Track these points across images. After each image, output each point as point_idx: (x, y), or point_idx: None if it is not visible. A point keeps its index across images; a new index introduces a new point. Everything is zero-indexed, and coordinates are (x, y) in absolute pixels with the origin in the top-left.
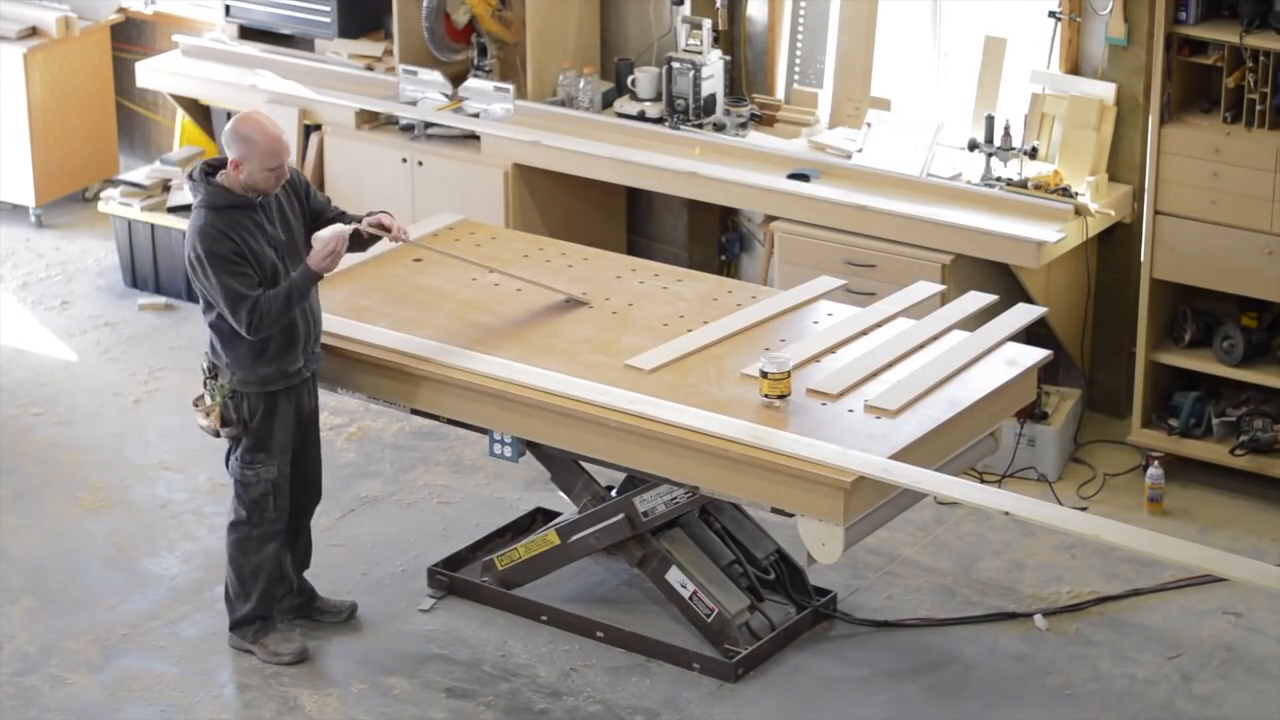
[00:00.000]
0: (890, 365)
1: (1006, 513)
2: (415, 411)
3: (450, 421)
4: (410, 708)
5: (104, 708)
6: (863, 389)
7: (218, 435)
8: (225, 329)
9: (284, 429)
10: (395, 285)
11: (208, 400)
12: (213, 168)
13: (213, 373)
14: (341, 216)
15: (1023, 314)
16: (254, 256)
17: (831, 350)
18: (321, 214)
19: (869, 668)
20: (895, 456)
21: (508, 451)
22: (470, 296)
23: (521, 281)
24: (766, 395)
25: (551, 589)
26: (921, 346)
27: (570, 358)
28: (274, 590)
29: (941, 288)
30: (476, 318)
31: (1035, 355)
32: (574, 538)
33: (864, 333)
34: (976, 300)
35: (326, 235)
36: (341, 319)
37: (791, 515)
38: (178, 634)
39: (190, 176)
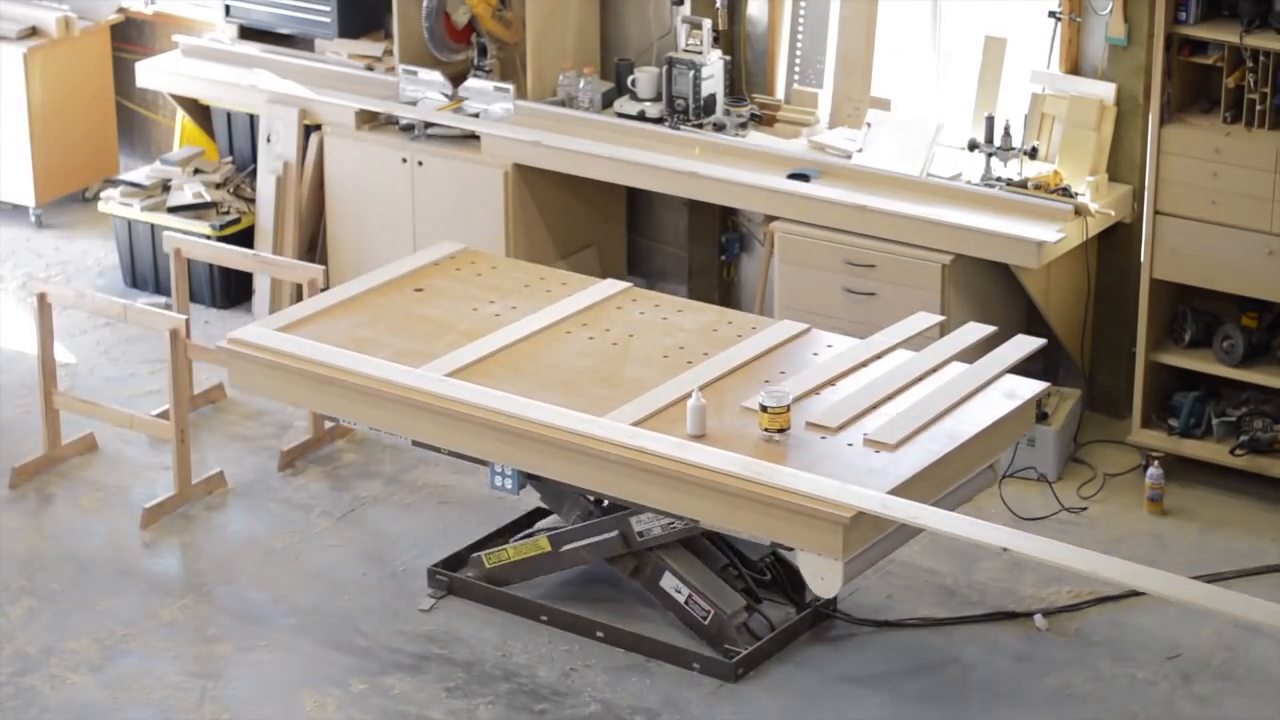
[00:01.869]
0: (890, 398)
1: (1004, 549)
2: (416, 443)
3: (450, 453)
4: (410, 708)
5: (104, 708)
6: (862, 422)
7: None
8: None
9: None
10: (397, 316)
11: None
12: None
13: None
14: None
15: (1021, 345)
16: None
17: (831, 383)
18: None
19: (869, 668)
20: (895, 490)
21: (508, 484)
22: (471, 327)
23: (530, 314)
24: (766, 429)
25: (551, 589)
26: (920, 379)
27: (571, 390)
28: None
29: (940, 318)
30: (478, 349)
31: (1034, 388)
32: (565, 547)
33: (863, 364)
34: (975, 332)
35: None
36: (343, 350)
37: (791, 549)
38: (178, 634)
39: None
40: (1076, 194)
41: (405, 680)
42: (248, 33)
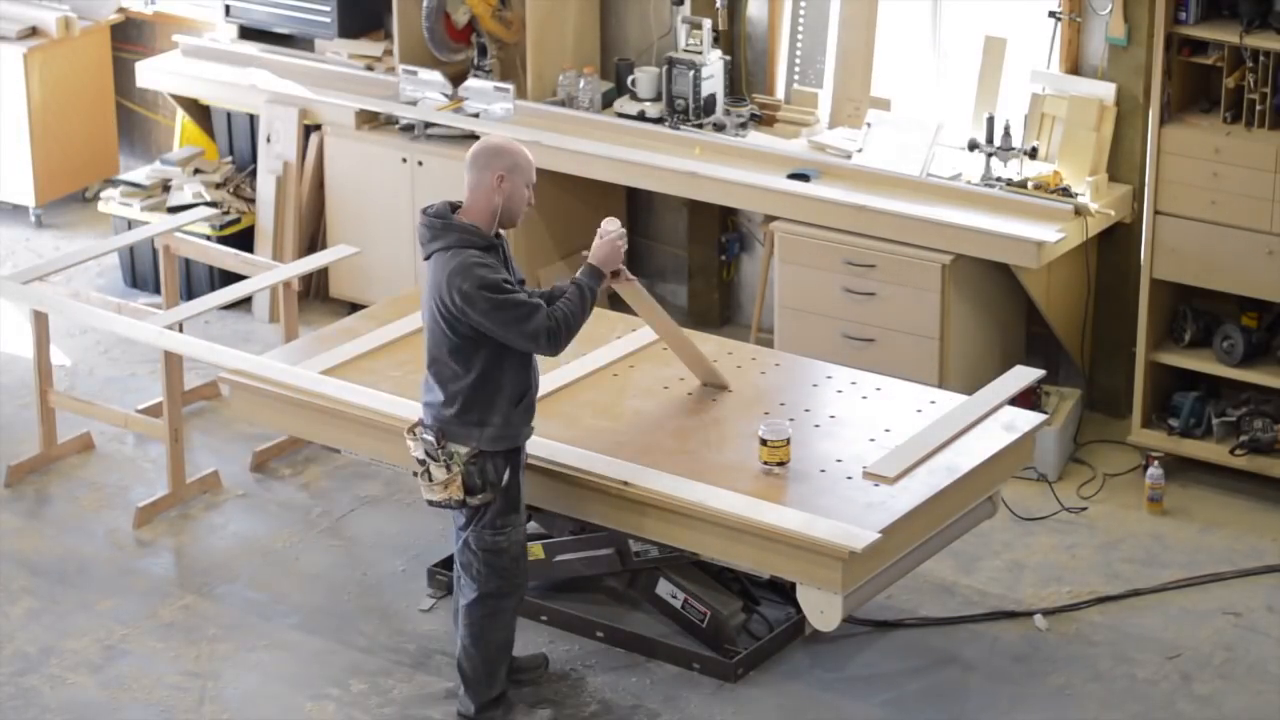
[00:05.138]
0: (888, 430)
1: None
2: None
3: None
4: (410, 708)
5: (104, 708)
6: (862, 455)
7: (463, 505)
8: (471, 385)
9: (523, 481)
10: (400, 347)
11: (441, 473)
12: (450, 208)
13: (441, 440)
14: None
15: (1020, 377)
16: (515, 285)
17: (832, 416)
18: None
19: (869, 668)
20: (893, 525)
21: None
22: None
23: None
24: (766, 463)
25: (551, 589)
26: (920, 411)
27: (571, 422)
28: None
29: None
30: None
31: (1033, 420)
32: (560, 558)
33: (863, 398)
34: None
35: (610, 230)
36: (344, 381)
37: (792, 583)
38: (177, 634)
39: (431, 215)
40: (1076, 194)
41: (405, 680)
42: (247, 33)
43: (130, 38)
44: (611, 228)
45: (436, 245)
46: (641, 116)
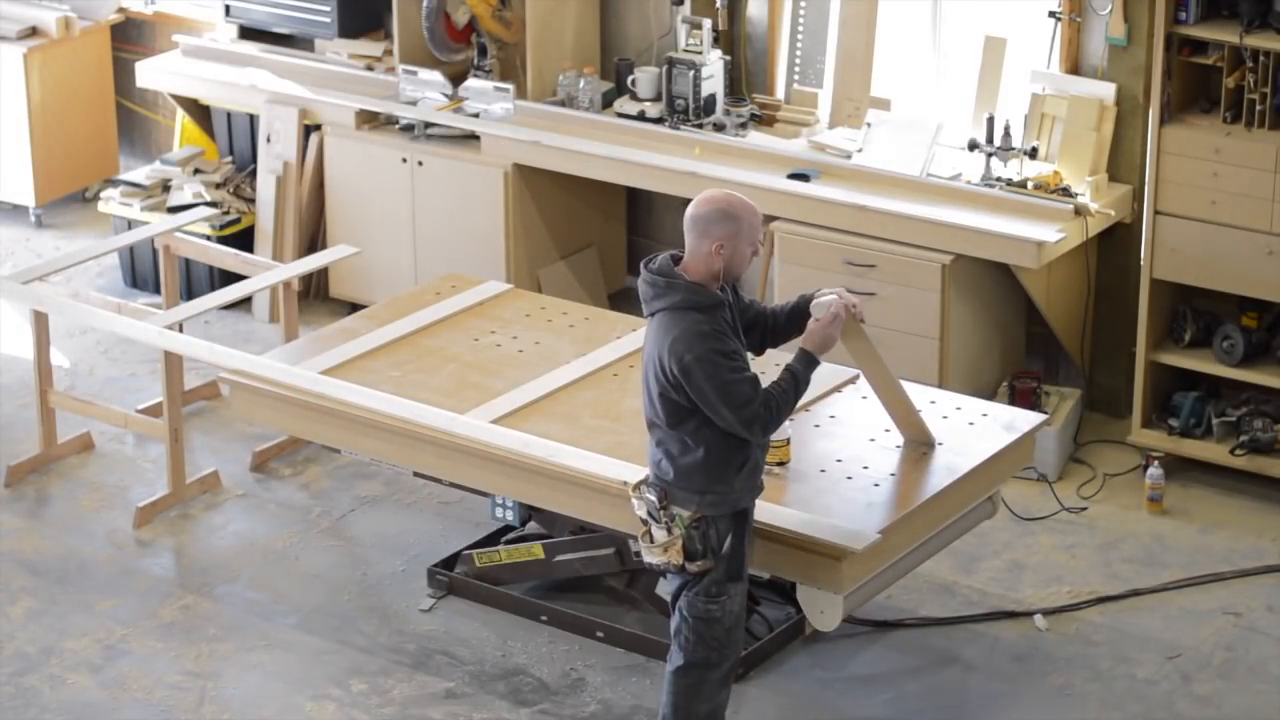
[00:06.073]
0: (888, 430)
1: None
2: (418, 474)
3: (452, 484)
4: (410, 708)
5: (104, 708)
6: (862, 455)
7: (682, 570)
8: (691, 448)
9: (749, 548)
10: (399, 345)
11: (662, 535)
12: (673, 261)
13: (663, 501)
14: (763, 316)
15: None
16: (741, 356)
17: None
18: (745, 312)
19: (869, 668)
20: (893, 524)
21: (510, 515)
22: (474, 359)
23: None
24: (766, 463)
25: (551, 589)
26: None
27: (571, 422)
28: None
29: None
30: (479, 380)
31: (1032, 420)
32: (559, 558)
33: (863, 397)
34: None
35: (826, 303)
36: (344, 381)
37: (792, 583)
38: (177, 634)
39: (653, 272)
40: (1076, 194)
41: (405, 680)
42: (247, 33)
43: (130, 38)
44: (827, 303)
45: (660, 304)
46: (641, 116)
